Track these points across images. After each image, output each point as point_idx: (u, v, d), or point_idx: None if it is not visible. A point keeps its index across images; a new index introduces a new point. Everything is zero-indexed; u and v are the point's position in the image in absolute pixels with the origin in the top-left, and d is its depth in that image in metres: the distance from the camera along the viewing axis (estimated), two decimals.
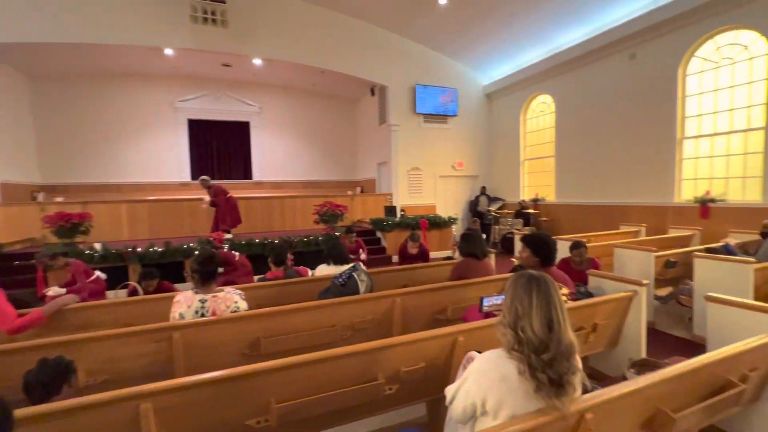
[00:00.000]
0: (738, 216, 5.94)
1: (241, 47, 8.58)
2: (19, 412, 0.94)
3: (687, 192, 6.87)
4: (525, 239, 2.59)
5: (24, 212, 7.35)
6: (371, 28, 9.81)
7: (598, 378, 2.94)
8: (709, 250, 4.13)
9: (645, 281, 2.75)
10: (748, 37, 5.97)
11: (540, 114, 10.09)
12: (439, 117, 10.74)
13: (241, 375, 1.59)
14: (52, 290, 3.32)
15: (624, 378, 2.13)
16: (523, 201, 9.97)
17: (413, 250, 5.48)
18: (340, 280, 2.85)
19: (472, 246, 3.33)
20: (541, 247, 2.50)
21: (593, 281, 3.02)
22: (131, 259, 5.72)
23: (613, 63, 7.83)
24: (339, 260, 3.49)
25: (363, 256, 5.48)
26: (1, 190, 8.05)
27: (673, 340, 3.79)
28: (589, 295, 2.89)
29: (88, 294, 3.56)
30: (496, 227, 9.69)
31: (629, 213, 7.51)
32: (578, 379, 1.29)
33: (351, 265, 3.03)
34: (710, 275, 3.67)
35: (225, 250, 4.87)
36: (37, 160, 9.76)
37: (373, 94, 11.19)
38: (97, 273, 3.95)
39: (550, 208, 9.58)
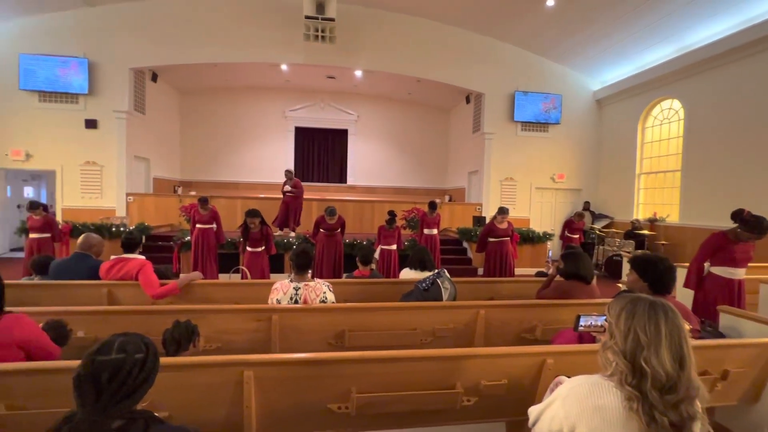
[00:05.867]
0: None
1: (346, 60, 9.24)
2: (162, 360, 1.18)
3: None
4: (633, 260, 2.28)
5: (167, 202, 8.97)
6: (470, 35, 9.70)
7: None
8: None
9: None
10: None
11: (664, 121, 8.79)
12: (538, 125, 10.10)
13: (327, 360, 1.72)
14: None
15: None
16: (636, 220, 8.77)
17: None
18: (424, 285, 2.87)
19: (578, 267, 2.80)
20: (650, 270, 2.14)
21: (726, 319, 2.53)
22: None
23: (765, 62, 6.46)
24: (423, 266, 3.51)
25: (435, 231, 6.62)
26: (154, 184, 9.99)
27: None
28: (719, 335, 2.43)
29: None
30: (600, 248, 8.70)
31: None
32: (698, 427, 1.09)
33: (435, 271, 3.02)
34: None
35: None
36: (180, 159, 11.88)
37: (468, 102, 11.03)
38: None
39: (671, 231, 8.25)
